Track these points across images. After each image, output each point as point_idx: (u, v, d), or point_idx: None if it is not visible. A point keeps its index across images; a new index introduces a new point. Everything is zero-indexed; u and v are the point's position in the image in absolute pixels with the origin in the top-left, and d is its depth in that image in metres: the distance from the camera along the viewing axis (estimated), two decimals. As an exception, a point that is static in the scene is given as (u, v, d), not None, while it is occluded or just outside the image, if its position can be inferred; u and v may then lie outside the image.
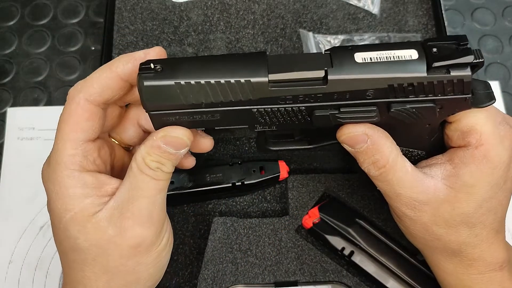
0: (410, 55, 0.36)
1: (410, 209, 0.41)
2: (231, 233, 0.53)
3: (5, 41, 0.69)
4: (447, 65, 0.35)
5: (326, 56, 0.36)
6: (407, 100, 0.37)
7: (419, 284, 0.49)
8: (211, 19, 0.63)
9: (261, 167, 0.55)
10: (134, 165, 0.38)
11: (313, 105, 0.37)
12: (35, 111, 0.65)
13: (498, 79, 0.66)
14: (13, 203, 0.60)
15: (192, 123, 0.38)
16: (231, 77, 0.35)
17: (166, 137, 0.38)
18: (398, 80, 0.35)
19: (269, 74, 0.35)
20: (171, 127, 0.38)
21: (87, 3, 0.71)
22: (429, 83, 0.35)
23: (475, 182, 0.39)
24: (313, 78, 0.35)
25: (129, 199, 0.38)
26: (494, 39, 0.69)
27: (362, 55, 0.36)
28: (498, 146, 0.39)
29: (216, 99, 0.36)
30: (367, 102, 0.37)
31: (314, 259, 0.53)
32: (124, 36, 0.63)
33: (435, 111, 0.37)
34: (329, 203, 0.54)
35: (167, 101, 0.36)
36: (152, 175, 0.38)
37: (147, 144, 0.38)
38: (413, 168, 0.40)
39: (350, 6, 0.64)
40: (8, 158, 0.62)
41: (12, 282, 0.57)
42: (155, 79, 0.36)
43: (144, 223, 0.38)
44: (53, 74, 0.67)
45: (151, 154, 0.38)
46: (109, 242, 0.37)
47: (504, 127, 0.40)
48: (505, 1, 0.71)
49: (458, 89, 0.36)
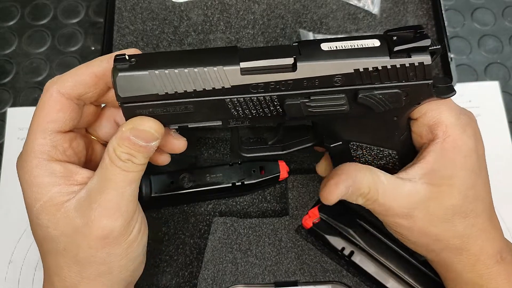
0: (373, 43, 0.38)
1: (402, 218, 0.42)
2: (231, 233, 0.53)
3: (5, 41, 0.69)
4: (407, 48, 0.37)
5: (295, 47, 0.38)
6: (373, 87, 0.39)
7: (419, 284, 0.49)
8: (211, 19, 0.63)
9: (261, 167, 0.55)
10: (106, 156, 0.38)
11: (284, 94, 0.38)
12: (35, 111, 0.65)
13: (498, 79, 0.66)
14: (13, 203, 0.60)
15: (166, 117, 0.39)
16: (205, 65, 0.37)
17: (134, 130, 0.38)
18: (363, 65, 0.37)
19: (240, 62, 0.37)
20: (140, 118, 0.39)
21: (87, 3, 0.71)
22: (392, 67, 0.38)
23: (452, 172, 0.41)
24: (283, 65, 0.37)
25: (98, 190, 0.38)
26: (494, 39, 0.69)
27: (328, 44, 0.38)
28: (463, 135, 0.41)
29: (189, 88, 0.37)
30: (335, 90, 0.38)
31: (314, 259, 0.53)
32: (124, 36, 0.63)
33: (401, 97, 0.39)
34: (329, 203, 0.54)
35: (140, 92, 0.37)
36: (123, 166, 0.38)
37: (117, 136, 0.38)
38: (389, 179, 0.41)
39: (350, 6, 0.64)
40: (8, 158, 0.62)
41: (12, 282, 0.57)
42: (129, 70, 0.36)
43: (111, 215, 0.38)
44: (53, 74, 0.67)
45: (121, 146, 0.38)
46: (77, 232, 0.38)
47: (464, 116, 0.43)
48: (505, 1, 0.71)
49: (420, 74, 0.38)
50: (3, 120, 0.64)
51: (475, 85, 0.66)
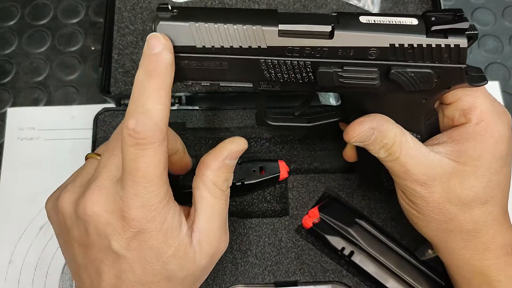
0: (411, 21, 0.38)
1: (420, 186, 0.41)
2: (231, 233, 0.53)
3: (5, 41, 0.69)
4: (444, 29, 0.37)
5: (333, 16, 0.39)
6: (406, 65, 0.39)
7: (419, 284, 0.49)
8: (211, 19, 0.63)
9: (261, 167, 0.55)
10: (206, 194, 0.39)
11: (318, 61, 0.39)
12: (35, 111, 0.65)
13: (498, 79, 0.66)
14: (13, 203, 0.60)
15: (200, 71, 0.39)
16: (244, 23, 0.37)
17: (232, 154, 0.40)
18: (399, 40, 0.38)
19: (279, 24, 0.37)
20: (230, 140, 0.40)
21: (87, 3, 0.71)
22: (428, 46, 0.38)
23: (480, 154, 0.40)
24: (320, 32, 0.37)
25: (207, 226, 0.39)
26: (494, 39, 0.69)
27: (367, 17, 0.38)
28: (497, 121, 0.41)
29: (226, 44, 0.37)
30: (369, 63, 0.39)
31: (314, 259, 0.53)
32: (124, 36, 0.63)
33: (432, 79, 0.39)
34: (329, 203, 0.54)
35: (179, 42, 0.37)
36: (225, 197, 0.40)
37: (214, 167, 0.39)
38: (416, 144, 0.41)
39: (350, 6, 0.64)
40: (8, 158, 0.62)
41: (12, 282, 0.57)
42: (170, 19, 0.37)
43: (221, 244, 0.40)
44: (53, 74, 0.67)
45: (220, 175, 0.39)
46: (203, 271, 0.39)
47: (499, 104, 0.43)
48: (505, 1, 0.71)
49: (455, 57, 0.38)
50: (3, 120, 0.64)
51: (475, 85, 0.66)
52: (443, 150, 0.41)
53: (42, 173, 0.61)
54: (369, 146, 0.42)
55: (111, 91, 0.61)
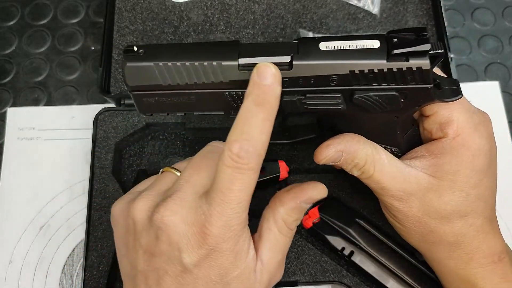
0: (372, 44, 0.37)
1: (398, 201, 0.41)
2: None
3: (5, 41, 0.69)
4: (405, 52, 0.36)
5: (294, 44, 0.38)
6: (370, 88, 0.38)
7: (419, 284, 0.49)
8: (211, 19, 0.63)
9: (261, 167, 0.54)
10: (274, 228, 0.40)
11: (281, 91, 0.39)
12: (35, 111, 0.65)
13: (498, 79, 0.66)
14: (13, 203, 0.60)
15: (171, 105, 0.40)
16: (205, 60, 0.38)
17: (310, 200, 0.40)
18: (359, 66, 0.37)
19: (239, 58, 0.37)
20: (312, 187, 0.41)
21: (87, 3, 0.71)
22: (389, 70, 0.37)
23: (457, 169, 0.40)
24: (280, 63, 0.37)
25: (270, 259, 0.39)
26: (494, 39, 0.69)
27: (326, 44, 0.38)
28: (474, 134, 0.41)
29: (191, 80, 0.38)
30: (331, 89, 0.38)
31: (314, 259, 0.53)
32: (124, 36, 0.63)
33: (398, 100, 0.39)
34: (329, 203, 0.54)
35: (146, 81, 0.38)
36: (290, 236, 0.40)
37: (289, 206, 0.40)
38: (391, 160, 0.41)
39: (350, 6, 0.64)
40: (8, 158, 0.62)
41: (12, 282, 0.57)
42: (136, 60, 0.38)
43: (277, 276, 0.41)
44: (53, 74, 0.67)
45: (292, 215, 0.40)
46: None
47: (478, 115, 0.42)
48: (505, 1, 0.71)
49: (419, 78, 0.37)
50: (3, 120, 0.64)
51: (475, 85, 0.66)
52: (420, 165, 0.41)
53: (42, 173, 0.61)
54: (342, 166, 0.43)
55: (111, 91, 0.61)
